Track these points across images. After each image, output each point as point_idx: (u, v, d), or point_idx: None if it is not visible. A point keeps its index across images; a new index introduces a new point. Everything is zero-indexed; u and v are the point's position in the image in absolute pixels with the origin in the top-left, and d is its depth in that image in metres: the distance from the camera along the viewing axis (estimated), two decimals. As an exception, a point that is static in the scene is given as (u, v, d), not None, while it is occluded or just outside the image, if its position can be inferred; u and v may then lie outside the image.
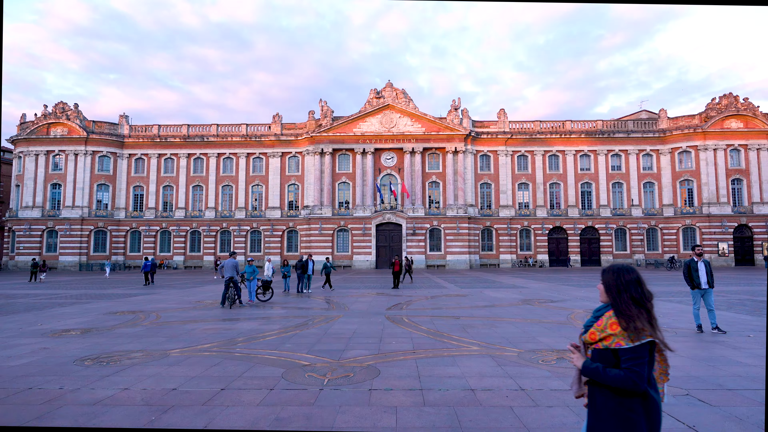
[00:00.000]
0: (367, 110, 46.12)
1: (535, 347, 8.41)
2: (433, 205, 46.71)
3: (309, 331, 10.33)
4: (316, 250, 44.84)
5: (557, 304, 15.29)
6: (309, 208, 46.09)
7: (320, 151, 46.05)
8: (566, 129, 47.98)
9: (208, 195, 48.04)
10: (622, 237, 47.07)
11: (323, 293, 19.93)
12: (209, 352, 8.23)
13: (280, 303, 16.46)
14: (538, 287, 22.37)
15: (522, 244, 47.42)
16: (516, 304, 15.42)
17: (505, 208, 46.75)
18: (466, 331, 10.17)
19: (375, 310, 14.08)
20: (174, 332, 10.31)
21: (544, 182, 47.36)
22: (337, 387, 6.05)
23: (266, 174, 48.13)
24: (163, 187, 48.49)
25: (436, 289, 21.85)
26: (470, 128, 46.86)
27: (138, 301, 17.26)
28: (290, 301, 17.06)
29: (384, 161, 46.71)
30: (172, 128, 49.26)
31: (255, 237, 47.98)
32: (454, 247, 44.80)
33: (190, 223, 47.60)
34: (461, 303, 15.90)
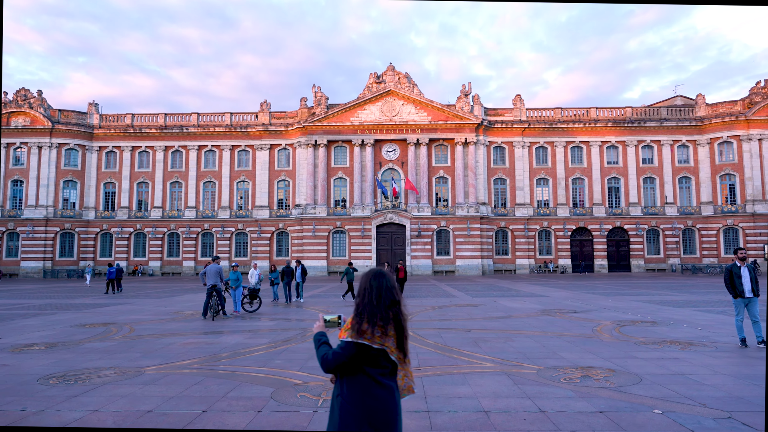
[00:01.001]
0: (366, 97, 46.15)
1: (556, 363, 8.39)
2: (441, 203, 46.71)
3: (301, 346, 10.32)
4: (309, 255, 44.89)
5: (581, 315, 15.27)
6: (301, 207, 46.14)
7: (313, 142, 46.10)
8: (591, 117, 47.93)
9: (188, 192, 48.15)
10: (654, 239, 47.02)
11: (321, 303, 19.93)
12: (189, 370, 8.23)
13: (269, 314, 16.46)
14: (560, 296, 22.34)
15: (541, 247, 47.39)
16: (534, 315, 15.41)
17: (522, 207, 46.75)
18: (478, 345, 10.16)
19: (376, 321, 14.03)
20: (150, 347, 10.32)
21: (565, 177, 47.35)
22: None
23: (253, 169, 48.21)
24: (138, 184, 48.60)
25: (443, 298, 21.83)
26: (482, 117, 46.85)
27: (109, 311, 17.29)
28: (280, 312, 17.05)
29: (385, 154, 46.73)
30: (147, 118, 49.35)
31: (240, 240, 48.04)
32: (465, 250, 44.82)
33: (168, 224, 47.71)
34: (472, 314, 15.87)
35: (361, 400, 2.91)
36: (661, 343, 10.23)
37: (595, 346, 9.92)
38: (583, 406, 6.05)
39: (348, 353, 2.94)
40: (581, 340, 10.65)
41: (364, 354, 2.95)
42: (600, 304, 18.21)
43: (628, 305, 17.88)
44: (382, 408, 2.92)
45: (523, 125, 47.15)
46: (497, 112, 48.44)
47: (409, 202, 45.62)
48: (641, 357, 8.88)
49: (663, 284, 29.79)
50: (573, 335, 11.36)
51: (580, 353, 9.26)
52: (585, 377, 7.46)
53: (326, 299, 21.67)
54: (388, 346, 2.97)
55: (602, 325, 12.92)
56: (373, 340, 2.94)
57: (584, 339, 10.85)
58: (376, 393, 2.93)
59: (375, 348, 2.94)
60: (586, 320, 13.92)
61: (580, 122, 47.47)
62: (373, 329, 2.94)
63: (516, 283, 32.00)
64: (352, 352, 2.94)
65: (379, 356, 2.96)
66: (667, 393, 6.60)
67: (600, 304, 18.49)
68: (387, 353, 2.97)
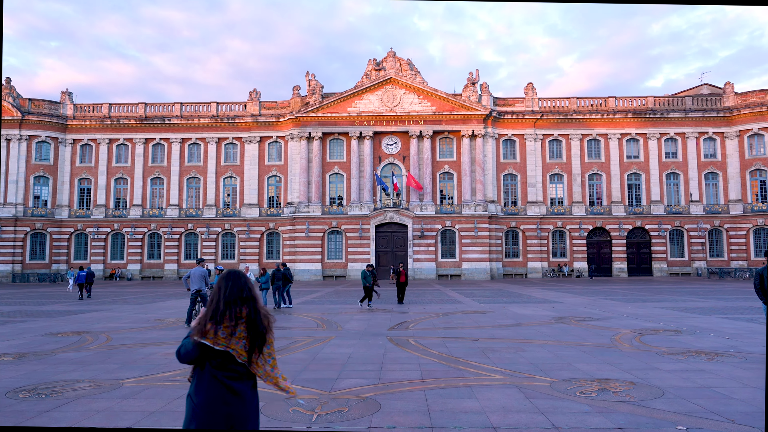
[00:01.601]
0: (365, 85, 46.16)
1: (571, 375, 8.40)
2: (446, 201, 46.75)
3: (293, 356, 10.35)
4: (302, 257, 44.94)
5: (599, 322, 15.29)
6: (294, 205, 46.17)
7: (307, 135, 46.13)
8: (609, 107, 47.96)
9: (170, 189, 48.17)
10: (678, 240, 47.06)
11: (314, 310, 19.95)
12: (172, 382, 8.23)
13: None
14: (575, 302, 22.37)
15: (555, 249, 47.42)
16: (548, 322, 15.43)
17: (534, 205, 46.79)
18: (486, 355, 10.17)
19: (374, 329, 14.10)
20: (129, 357, 10.32)
21: (581, 173, 47.38)
22: (328, 425, 6.04)
23: (241, 164, 48.23)
24: (116, 180, 48.63)
25: (449, 304, 21.85)
26: (491, 107, 46.88)
27: (84, 319, 17.29)
28: (271, 320, 17.04)
29: (385, 148, 46.76)
30: (126, 108, 49.37)
31: (228, 240, 48.07)
32: (472, 252, 44.86)
33: (148, 223, 47.74)
34: (480, 321, 15.91)
35: (204, 402, 3.00)
36: (685, 353, 10.23)
37: (613, 357, 9.92)
38: (600, 422, 6.05)
39: (192, 352, 3.05)
40: (598, 350, 10.66)
41: (207, 354, 3.03)
42: (619, 311, 18.22)
43: (650, 312, 17.89)
44: (224, 413, 2.99)
45: (536, 116, 47.17)
46: (507, 101, 48.45)
47: (411, 199, 45.65)
48: (664, 368, 8.88)
49: (687, 289, 29.82)
50: (589, 345, 11.36)
51: (597, 364, 9.26)
52: (603, 390, 7.46)
53: (321, 305, 21.68)
54: (235, 348, 3.03)
55: (621, 333, 12.93)
56: (216, 341, 3.01)
57: (602, 349, 10.85)
58: (218, 396, 3.01)
59: (217, 349, 3.01)
60: (604, 328, 13.93)
61: (597, 113, 47.48)
62: (217, 329, 3.02)
63: (527, 288, 32.00)
64: (195, 352, 3.04)
65: (225, 358, 3.03)
66: (692, 408, 6.60)
67: (619, 311, 18.50)
68: (233, 356, 3.04)
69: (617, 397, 7.08)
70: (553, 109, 48.18)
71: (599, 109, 48.00)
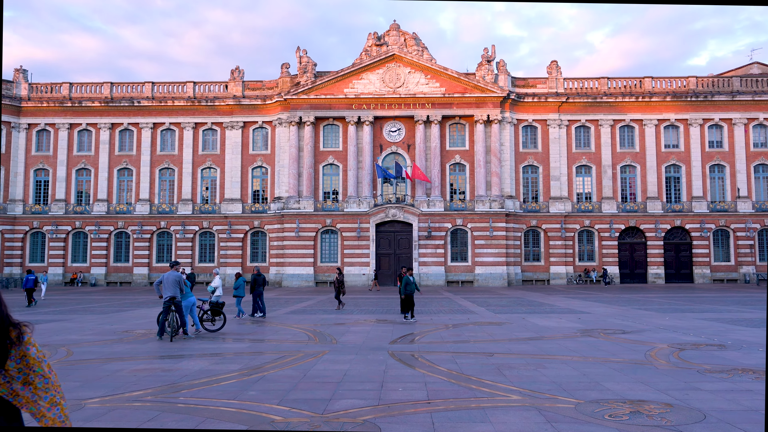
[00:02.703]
0: (364, 63, 46.14)
1: (599, 396, 8.42)
2: (457, 196, 46.74)
3: (281, 373, 10.38)
4: (291, 260, 44.98)
5: (631, 336, 15.32)
6: (282, 200, 46.20)
7: (298, 120, 46.14)
8: (645, 89, 47.88)
9: (140, 182, 48.22)
10: (723, 242, 47.01)
11: (305, 320, 19.97)
12: (141, 403, 8.26)
13: (238, 334, 16.51)
14: (605, 312, 22.39)
15: (581, 251, 47.40)
16: (573, 335, 15.48)
17: (558, 201, 46.79)
18: (502, 373, 10.21)
19: (374, 343, 14.14)
20: (92, 374, 10.37)
21: (612, 164, 47.34)
22: (321, 451, 6.05)
23: (222, 153, 48.26)
24: (77, 171, 48.70)
25: (460, 314, 21.88)
26: (509, 88, 46.85)
27: (40, 331, 17.33)
28: (252, 331, 17.10)
29: (387, 134, 46.75)
30: (89, 88, 49.39)
31: (206, 241, 48.12)
32: (486, 255, 44.88)
33: (115, 221, 47.82)
34: (495, 334, 15.95)
35: None
36: (730, 371, 10.25)
37: (648, 375, 9.94)
38: (632, 450, 6.05)
39: None
40: (631, 368, 10.68)
41: None
42: (654, 323, 18.23)
43: (690, 324, 17.90)
44: None
45: (560, 99, 47.12)
46: (528, 82, 48.38)
47: (417, 194, 45.64)
48: (706, 388, 8.90)
49: (733, 298, 29.81)
50: (620, 361, 11.40)
51: (629, 383, 9.28)
52: (635, 413, 7.48)
53: (313, 315, 21.72)
54: None
55: (657, 348, 12.95)
56: None
57: (634, 366, 10.88)
58: None
59: None
60: (637, 343, 13.95)
61: (631, 96, 47.39)
62: None
63: (550, 297, 31.99)
64: None
65: None
66: (738, 433, 6.60)
67: (654, 322, 18.52)
68: None
69: (652, 421, 7.09)
70: (581, 91, 48.09)
71: (633, 91, 47.91)
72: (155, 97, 48.72)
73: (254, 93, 48.52)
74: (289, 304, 27.98)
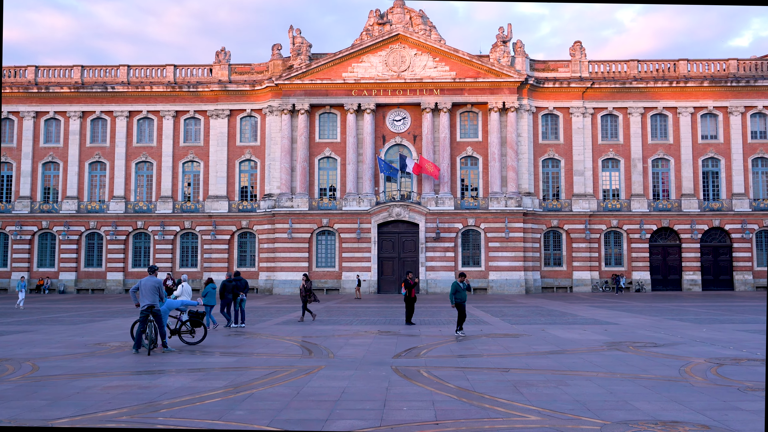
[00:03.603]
0: (365, 44, 46.12)
1: (627, 417, 8.39)
2: (468, 193, 46.70)
3: (272, 391, 10.37)
4: (283, 264, 44.98)
5: (664, 349, 15.29)
6: (273, 197, 46.22)
7: (290, 107, 46.15)
8: (680, 73, 47.76)
9: (115, 177, 48.28)
10: (767, 245, 46.88)
11: (298, 332, 19.96)
12: (115, 423, 8.25)
13: (223, 346, 16.51)
14: (634, 323, 22.33)
15: (608, 255, 47.31)
16: (598, 349, 15.45)
17: (582, 199, 46.71)
18: (518, 390, 10.18)
19: (376, 357, 14.13)
20: (60, 392, 10.35)
21: (643, 158, 47.24)
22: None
23: (206, 144, 48.29)
24: (44, 165, 48.77)
25: (471, 325, 21.85)
26: (527, 72, 46.78)
27: (2, 343, 17.36)
28: (238, 344, 17.10)
29: (391, 124, 46.73)
30: (58, 72, 49.46)
31: (188, 243, 48.16)
32: (502, 259, 44.83)
33: (86, 221, 47.89)
34: (511, 347, 15.95)
35: None
36: (775, 389, 10.19)
37: (682, 394, 9.91)
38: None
39: None
40: (663, 385, 10.66)
41: None
42: (690, 335, 18.20)
43: (730, 336, 17.86)
44: None
45: (585, 84, 47.03)
46: (548, 65, 48.31)
47: (424, 191, 45.62)
48: (747, 408, 8.87)
49: (779, 308, 29.70)
50: (652, 378, 11.37)
51: (661, 403, 9.25)
52: (668, 436, 7.43)
53: (307, 327, 21.71)
54: None
55: (693, 363, 12.92)
56: None
57: (667, 383, 10.86)
58: None
59: None
60: (671, 357, 13.93)
61: (664, 80, 47.28)
62: None
63: (573, 305, 31.92)
64: None
65: None
66: (784, 459, 6.57)
67: (690, 334, 18.48)
68: None
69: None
70: (608, 75, 47.98)
71: (667, 76, 47.79)
72: (131, 82, 48.78)
73: (242, 77, 48.53)
74: (280, 313, 27.96)
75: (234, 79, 48.46)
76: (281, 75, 46.19)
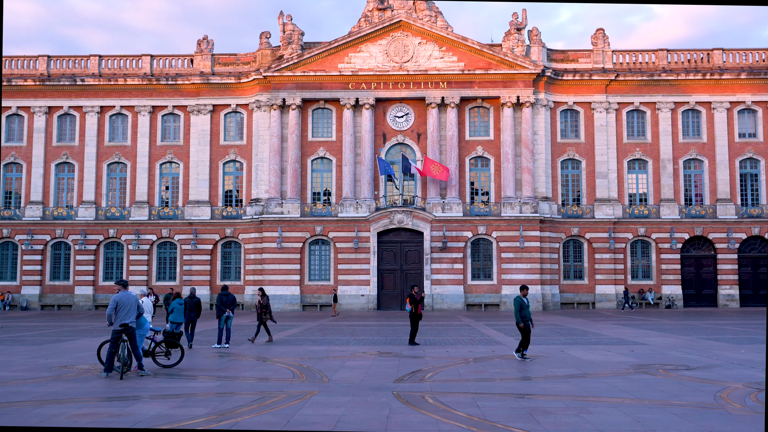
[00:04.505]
0: (364, 31, 46.19)
1: (657, 449, 8.34)
2: (479, 198, 46.70)
3: (258, 419, 10.34)
4: (272, 277, 44.88)
5: (697, 372, 15.24)
6: (261, 202, 46.20)
7: (280, 102, 46.18)
8: (715, 64, 47.82)
9: (84, 180, 48.26)
10: (812, 255, 46.87)
11: (289, 353, 19.92)
12: (83, 456, 8.22)
13: (204, 369, 16.48)
14: (664, 343, 22.27)
15: (635, 267, 47.26)
16: (624, 372, 15.40)
17: (606, 204, 46.67)
18: (535, 419, 10.14)
19: (375, 381, 14.09)
20: (23, 420, 10.31)
21: (673, 158, 47.24)
22: None
23: (186, 143, 48.31)
24: (5, 167, 48.77)
25: (482, 345, 21.79)
26: (544, 63, 46.83)
27: (-40, 364, 17.33)
28: (221, 366, 17.07)
29: (392, 121, 46.76)
30: (21, 63, 49.51)
31: (166, 253, 48.10)
32: (516, 272, 44.75)
33: (52, 229, 47.85)
34: (527, 371, 15.92)
35: None
36: (822, 417, 10.16)
37: (719, 422, 9.86)
38: None
39: None
40: (697, 413, 10.62)
41: None
42: (726, 357, 18.15)
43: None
44: None
45: (608, 76, 47.08)
46: (568, 55, 48.39)
47: (429, 195, 45.59)
48: (792, 439, 8.82)
49: (826, 326, 29.65)
50: (684, 404, 11.32)
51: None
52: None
53: (299, 347, 21.68)
54: None
55: (730, 388, 12.86)
56: None
57: (702, 410, 10.81)
58: None
59: None
60: (705, 381, 13.87)
61: (697, 72, 47.34)
62: None
63: (595, 323, 31.85)
64: None
65: None
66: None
67: (727, 356, 18.42)
68: None
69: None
70: (634, 67, 48.05)
71: (700, 67, 47.85)
72: (103, 75, 48.84)
73: (227, 69, 48.60)
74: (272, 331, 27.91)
75: (217, 70, 48.52)
76: (270, 66, 46.25)
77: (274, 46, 48.09)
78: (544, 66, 46.27)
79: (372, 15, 46.91)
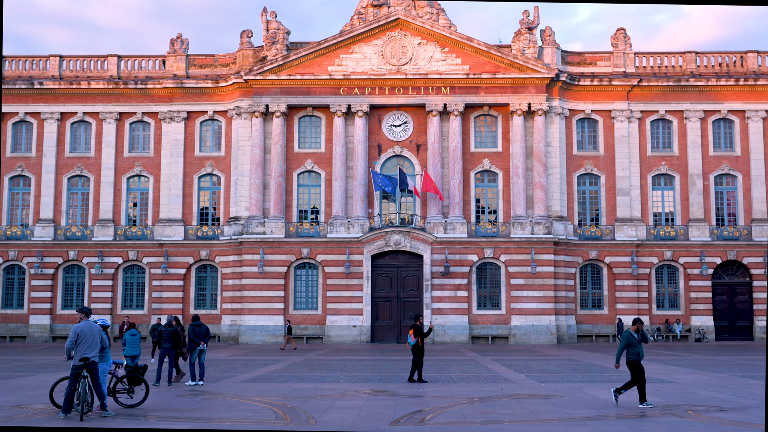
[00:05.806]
0: (357, 30, 46.40)
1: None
2: (485, 217, 46.73)
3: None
4: (252, 305, 44.72)
5: (731, 414, 15.19)
6: (240, 221, 46.14)
7: (263, 109, 46.25)
8: (749, 69, 48.09)
9: (42, 195, 48.12)
10: None
11: (271, 391, 19.85)
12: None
13: (174, 409, 16.39)
14: (693, 381, 22.19)
15: (660, 294, 47.25)
16: (649, 414, 15.36)
17: (628, 225, 46.71)
18: (549, 467, 10.10)
19: (369, 424, 14.02)
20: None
21: (703, 173, 47.37)
22: None
23: (156, 155, 48.31)
24: (-46, 180, 48.70)
25: (489, 383, 21.73)
26: (558, 66, 47.05)
27: None
28: (194, 406, 16.97)
29: (388, 131, 46.87)
30: (-28, 64, 49.55)
31: (133, 278, 47.94)
32: (527, 300, 44.68)
33: (4, 250, 47.63)
34: (540, 412, 15.86)
35: None
36: None
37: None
38: None
39: None
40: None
41: None
42: (763, 396, 18.08)
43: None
44: None
45: (630, 81, 47.28)
46: (585, 58, 48.66)
47: (430, 214, 45.59)
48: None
49: None
50: (717, 451, 11.28)
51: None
52: None
53: (283, 384, 21.59)
54: None
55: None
56: None
57: (736, 458, 10.77)
58: None
59: None
60: (740, 424, 13.81)
61: (729, 77, 47.58)
62: None
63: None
64: None
65: None
66: None
67: (763, 395, 18.36)
68: None
69: None
70: (659, 71, 48.29)
71: (733, 71, 48.10)
72: (64, 77, 48.94)
73: (203, 72, 48.75)
74: (249, 367, 27.79)
75: (193, 73, 48.64)
76: (252, 68, 46.36)
77: (257, 46, 48.28)
78: (558, 70, 46.49)
79: (366, 12, 47.10)
